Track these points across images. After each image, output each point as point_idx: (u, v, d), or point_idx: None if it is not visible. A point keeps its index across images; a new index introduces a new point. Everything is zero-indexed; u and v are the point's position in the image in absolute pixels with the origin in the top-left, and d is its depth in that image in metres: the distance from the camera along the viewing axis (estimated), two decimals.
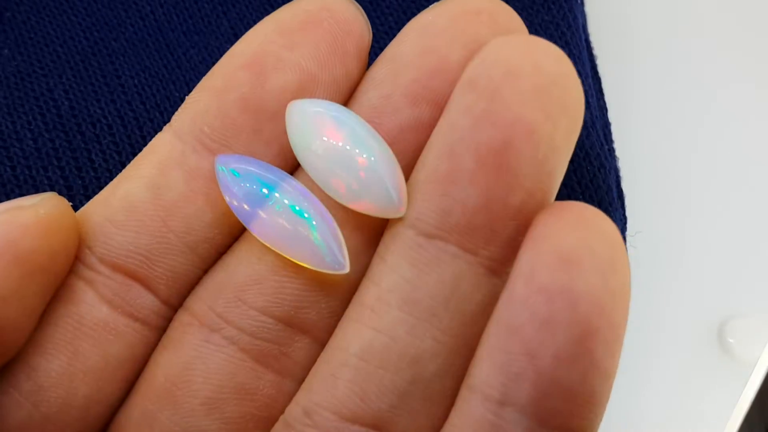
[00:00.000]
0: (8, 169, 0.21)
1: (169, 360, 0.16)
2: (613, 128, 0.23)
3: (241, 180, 0.15)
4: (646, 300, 0.24)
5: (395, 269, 0.15)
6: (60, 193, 0.21)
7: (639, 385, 0.24)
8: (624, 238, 0.22)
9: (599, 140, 0.21)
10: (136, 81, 0.22)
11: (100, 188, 0.20)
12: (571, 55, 0.22)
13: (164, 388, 0.16)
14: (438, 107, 0.15)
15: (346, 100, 0.16)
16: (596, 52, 0.24)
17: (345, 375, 0.15)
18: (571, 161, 0.21)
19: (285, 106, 0.16)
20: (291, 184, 0.16)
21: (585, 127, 0.21)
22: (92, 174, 0.21)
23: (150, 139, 0.21)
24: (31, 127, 0.21)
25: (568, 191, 0.21)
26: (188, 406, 0.16)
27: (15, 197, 0.21)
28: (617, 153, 0.23)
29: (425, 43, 0.15)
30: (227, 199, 0.16)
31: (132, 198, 0.16)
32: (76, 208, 0.20)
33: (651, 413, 0.23)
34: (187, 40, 0.23)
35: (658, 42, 0.27)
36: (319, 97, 0.16)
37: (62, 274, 0.16)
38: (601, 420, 0.14)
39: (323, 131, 0.15)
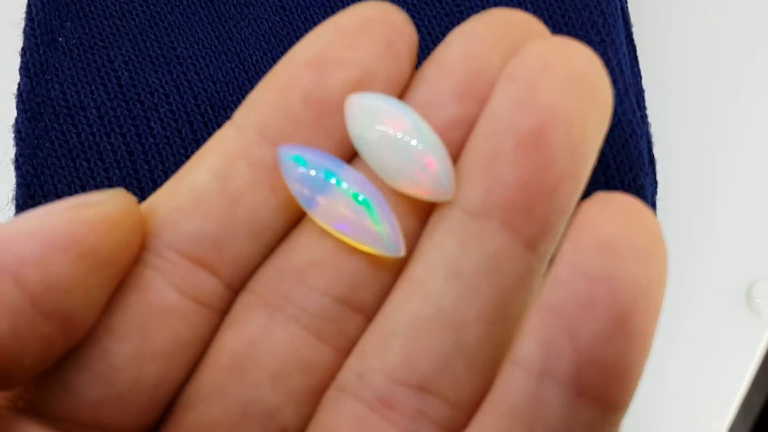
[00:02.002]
0: (74, 135, 0.22)
1: (235, 337, 0.17)
2: (647, 95, 0.24)
3: (304, 168, 0.16)
4: (676, 262, 0.25)
5: (441, 245, 0.16)
6: (122, 160, 0.22)
7: (668, 344, 0.24)
8: (654, 203, 0.22)
9: (632, 107, 0.22)
10: (190, 52, 0.23)
11: (159, 154, 0.22)
12: (605, 24, 0.22)
13: (232, 363, 0.17)
14: (481, 105, 0.17)
15: (399, 97, 0.17)
16: (633, 20, 0.24)
17: (395, 343, 0.16)
18: None
19: (344, 101, 0.17)
20: (350, 172, 0.17)
21: (618, 94, 0.22)
22: (151, 141, 0.22)
23: (204, 108, 0.22)
24: (94, 97, 0.23)
25: (599, 157, 0.21)
26: (255, 379, 0.17)
27: (80, 162, 0.22)
28: (650, 119, 0.23)
29: (469, 48, 0.17)
30: (290, 186, 0.17)
31: (199, 187, 0.17)
32: (137, 173, 0.22)
33: (679, 371, 0.24)
34: (237, 12, 0.24)
35: (693, 9, 0.27)
36: (376, 92, 0.17)
37: (126, 267, 0.16)
38: (635, 392, 0.15)
39: (381, 122, 0.16)
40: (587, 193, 0.21)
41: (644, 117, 0.23)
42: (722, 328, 0.25)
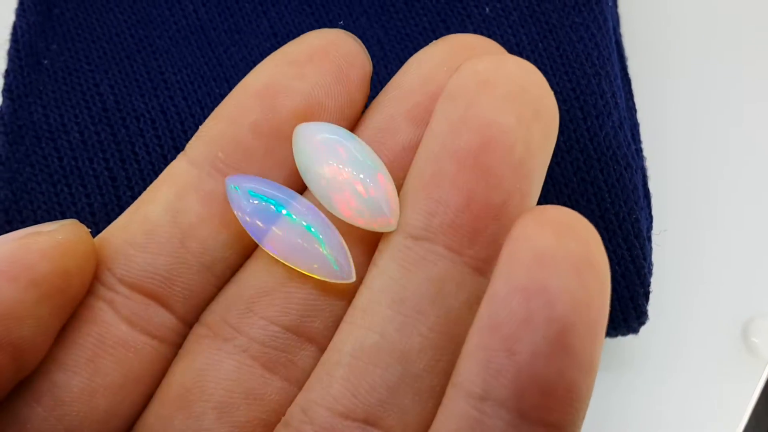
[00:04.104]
0: (56, 160, 0.22)
1: (184, 368, 0.17)
2: (642, 129, 0.23)
3: (252, 198, 0.16)
4: (671, 299, 0.24)
5: (385, 271, 0.16)
6: (104, 186, 0.22)
7: (664, 382, 0.24)
8: (649, 237, 0.22)
9: (627, 140, 0.22)
10: (178, 77, 0.23)
11: (143, 180, 0.21)
12: (600, 56, 0.22)
13: (178, 394, 0.17)
14: None
15: (352, 125, 0.17)
16: (627, 53, 0.24)
17: (339, 373, 0.16)
18: (598, 160, 0.21)
19: (293, 130, 0.17)
20: (299, 201, 0.17)
21: (613, 126, 0.21)
22: (136, 166, 0.22)
23: (191, 134, 0.22)
24: (78, 121, 0.22)
25: (594, 190, 0.21)
26: (200, 410, 0.16)
27: (62, 188, 0.22)
28: (645, 153, 0.23)
29: (425, 73, 0.17)
30: (240, 217, 0.17)
31: (151, 221, 0.17)
32: (120, 199, 0.21)
33: (675, 409, 0.24)
34: (228, 38, 0.23)
35: (689, 44, 0.27)
36: (324, 122, 0.17)
37: (79, 296, 0.16)
38: (584, 415, 0.14)
39: (326, 153, 0.16)
40: None
41: (639, 150, 0.23)
42: (719, 369, 0.24)
